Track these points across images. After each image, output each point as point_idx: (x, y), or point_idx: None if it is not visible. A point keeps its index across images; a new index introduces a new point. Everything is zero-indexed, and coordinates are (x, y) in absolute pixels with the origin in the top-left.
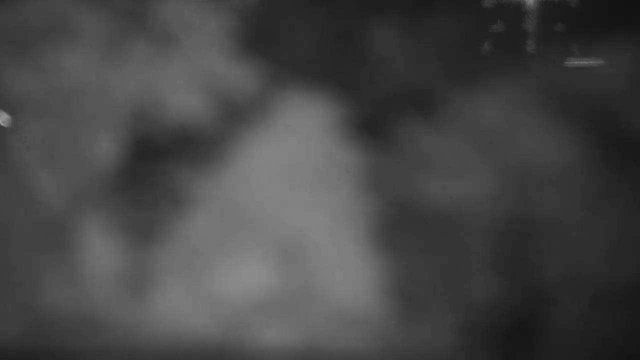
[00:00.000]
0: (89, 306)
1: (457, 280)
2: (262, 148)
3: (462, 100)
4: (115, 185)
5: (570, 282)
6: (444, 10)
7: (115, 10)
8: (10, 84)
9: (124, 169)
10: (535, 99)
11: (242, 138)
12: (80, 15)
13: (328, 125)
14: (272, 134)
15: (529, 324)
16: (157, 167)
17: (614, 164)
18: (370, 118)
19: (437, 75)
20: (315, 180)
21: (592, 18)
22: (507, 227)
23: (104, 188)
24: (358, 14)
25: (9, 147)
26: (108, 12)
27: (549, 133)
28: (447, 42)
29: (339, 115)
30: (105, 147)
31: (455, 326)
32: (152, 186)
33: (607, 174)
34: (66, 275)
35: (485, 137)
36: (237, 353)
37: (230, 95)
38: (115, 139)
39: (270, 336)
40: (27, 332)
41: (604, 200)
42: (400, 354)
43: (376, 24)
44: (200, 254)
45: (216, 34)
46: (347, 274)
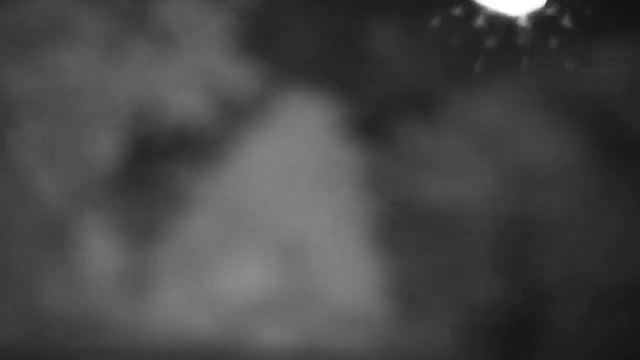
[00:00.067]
0: (89, 306)
1: (457, 280)
2: (262, 148)
3: (462, 100)
4: (115, 185)
5: (570, 282)
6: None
7: (115, 10)
8: (10, 84)
9: (124, 169)
10: (535, 99)
11: (242, 138)
12: (80, 15)
13: (328, 125)
14: (272, 134)
15: (529, 324)
16: (157, 167)
17: (614, 164)
18: (370, 118)
19: (437, 75)
20: (315, 180)
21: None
22: (507, 227)
23: (104, 188)
24: (358, 14)
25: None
26: (108, 12)
27: (549, 133)
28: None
29: (339, 115)
30: (105, 147)
31: (455, 326)
32: (152, 186)
33: (607, 174)
34: (66, 275)
35: (485, 137)
36: (237, 353)
37: (230, 95)
38: (115, 139)
39: (270, 336)
40: (27, 332)
41: (604, 200)
42: (400, 354)
43: (376, 24)
44: (200, 254)
45: (216, 34)
46: (347, 274)
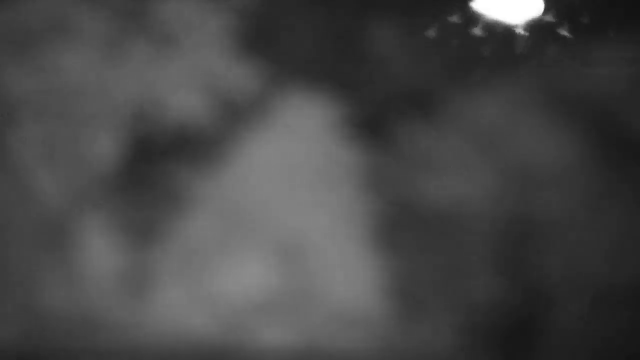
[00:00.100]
0: (89, 306)
1: (457, 280)
2: (262, 148)
3: (462, 100)
4: (115, 185)
5: (570, 282)
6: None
7: (115, 10)
8: (10, 84)
9: (124, 169)
10: (535, 99)
11: (242, 138)
12: (80, 15)
13: (328, 125)
14: (272, 134)
15: (529, 324)
16: (157, 167)
17: (614, 164)
18: (370, 118)
19: (437, 75)
20: (315, 180)
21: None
22: (507, 227)
23: (104, 188)
24: (358, 14)
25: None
26: (108, 12)
27: (549, 133)
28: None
29: (339, 115)
30: (105, 147)
31: (455, 326)
32: (152, 186)
33: (607, 174)
34: (66, 275)
35: (485, 137)
36: (237, 353)
37: (230, 95)
38: (115, 139)
39: (270, 336)
40: (26, 332)
41: (604, 200)
42: (400, 354)
43: (376, 24)
44: (200, 254)
45: (216, 34)
46: (347, 274)
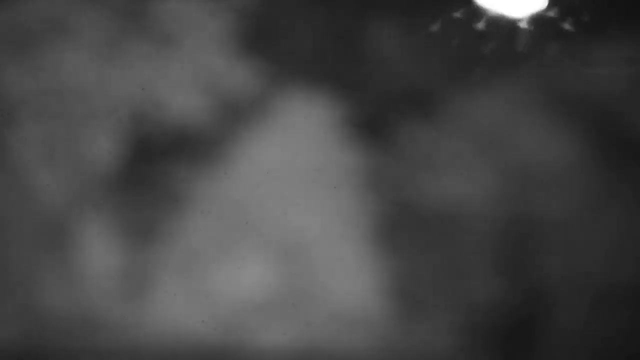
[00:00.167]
0: (89, 306)
1: (457, 280)
2: (262, 148)
3: (462, 100)
4: (115, 185)
5: (570, 282)
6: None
7: (115, 10)
8: (10, 84)
9: (124, 169)
10: (535, 99)
11: (242, 138)
12: (80, 15)
13: (328, 125)
14: (272, 134)
15: (529, 324)
16: (157, 167)
17: (614, 164)
18: (370, 118)
19: (437, 75)
20: (315, 180)
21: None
22: (507, 227)
23: (104, 188)
24: (358, 14)
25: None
26: (108, 12)
27: (549, 133)
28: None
29: (339, 115)
30: (105, 147)
31: (455, 326)
32: (152, 186)
33: (608, 174)
34: (66, 275)
35: (485, 137)
36: (237, 353)
37: (230, 95)
38: (115, 139)
39: (270, 336)
40: (26, 332)
41: (604, 200)
42: (400, 354)
43: (376, 24)
44: (200, 254)
45: (216, 34)
46: (347, 274)
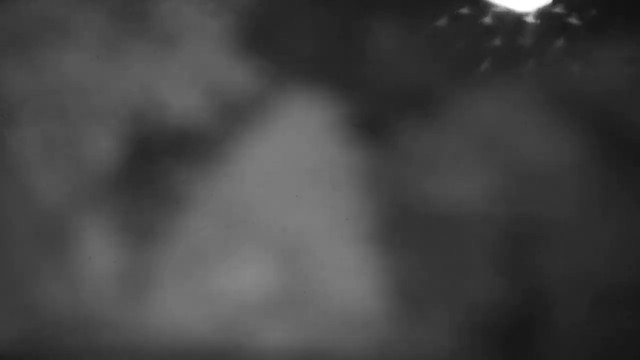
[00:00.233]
0: (89, 306)
1: (457, 280)
2: (262, 148)
3: (463, 100)
4: (115, 185)
5: (570, 282)
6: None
7: (115, 10)
8: (10, 84)
9: (124, 169)
10: (535, 99)
11: (242, 138)
12: (80, 15)
13: (328, 125)
14: (272, 134)
15: (529, 324)
16: (157, 167)
17: (614, 164)
18: (370, 118)
19: (438, 75)
20: (315, 180)
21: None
22: (507, 227)
23: (104, 188)
24: (358, 13)
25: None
26: (108, 12)
27: (550, 133)
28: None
29: (339, 115)
30: (105, 147)
31: (455, 326)
32: (152, 186)
33: (608, 174)
34: (66, 275)
35: (485, 137)
36: (236, 353)
37: (230, 95)
38: (115, 139)
39: (270, 336)
40: (26, 332)
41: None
42: (400, 354)
43: (376, 24)
44: (200, 254)
45: (216, 34)
46: (347, 274)
